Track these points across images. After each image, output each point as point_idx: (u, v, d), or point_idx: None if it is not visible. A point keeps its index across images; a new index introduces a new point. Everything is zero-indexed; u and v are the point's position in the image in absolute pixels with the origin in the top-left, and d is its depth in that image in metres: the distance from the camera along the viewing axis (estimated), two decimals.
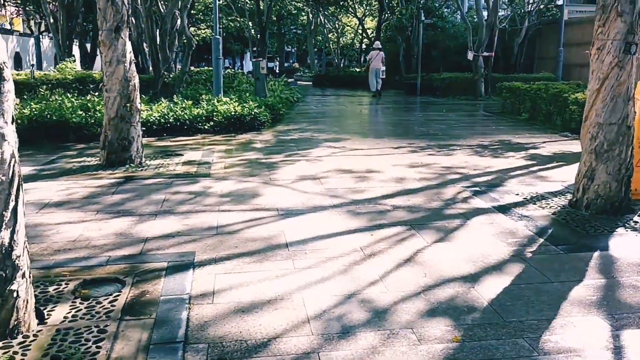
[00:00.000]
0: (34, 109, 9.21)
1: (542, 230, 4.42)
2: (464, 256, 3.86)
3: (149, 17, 12.49)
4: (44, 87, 12.07)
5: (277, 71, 40.23)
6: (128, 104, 6.87)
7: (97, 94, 12.04)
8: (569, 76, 20.84)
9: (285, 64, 53.96)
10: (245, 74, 37.31)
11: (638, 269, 3.61)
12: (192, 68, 37.22)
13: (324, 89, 26.82)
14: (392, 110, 15.54)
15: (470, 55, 19.00)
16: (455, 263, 3.73)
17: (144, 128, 9.55)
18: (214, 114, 10.48)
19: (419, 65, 22.06)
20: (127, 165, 6.90)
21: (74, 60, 23.93)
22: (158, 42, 12.55)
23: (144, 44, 15.86)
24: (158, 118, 9.93)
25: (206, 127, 10.22)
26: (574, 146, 8.70)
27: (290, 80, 35.78)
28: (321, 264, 3.73)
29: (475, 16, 22.39)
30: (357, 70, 35.52)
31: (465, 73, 21.18)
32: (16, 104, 2.93)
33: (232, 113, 10.58)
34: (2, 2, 37.00)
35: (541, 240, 4.19)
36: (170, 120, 10.00)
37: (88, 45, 30.47)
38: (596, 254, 3.90)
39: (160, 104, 10.70)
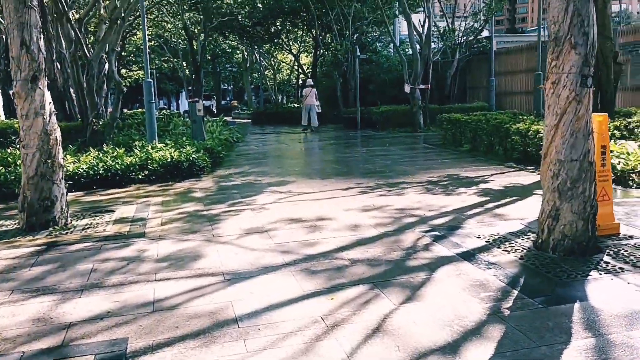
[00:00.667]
0: None
1: (514, 279, 4.10)
2: (438, 320, 3.45)
3: (74, 62, 11.76)
4: None
5: (215, 110, 39.61)
6: (49, 160, 6.19)
7: (19, 146, 11.13)
8: (501, 104, 21.44)
9: (222, 102, 53.42)
10: (181, 113, 36.60)
11: (624, 322, 3.32)
12: (125, 110, 36.19)
13: (263, 127, 26.49)
14: (335, 147, 15.29)
15: (407, 88, 19.17)
16: (430, 329, 3.32)
17: (70, 182, 8.81)
18: (149, 161, 9.83)
19: (357, 99, 22.13)
20: (51, 229, 6.17)
21: None
22: (85, 88, 11.81)
23: (71, 90, 15.01)
24: (87, 170, 9.17)
25: (140, 176, 9.54)
26: (522, 177, 8.62)
27: (228, 118, 35.27)
28: (278, 343, 3.22)
29: (408, 50, 22.83)
30: (295, 105, 35.44)
31: (403, 105, 21.39)
32: None
33: (169, 160, 9.96)
34: None
35: (515, 292, 3.85)
36: (100, 171, 9.27)
37: (12, 92, 29.01)
38: (577, 305, 3.59)
39: (89, 154, 9.95)
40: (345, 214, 6.41)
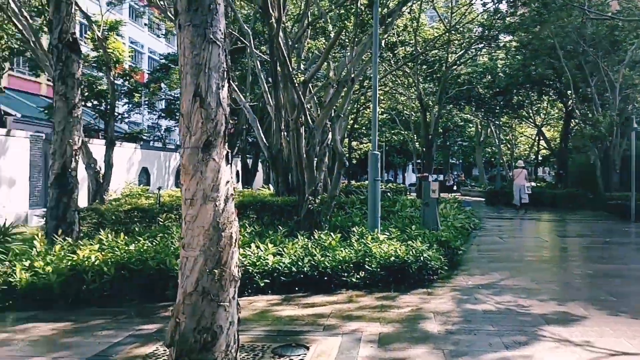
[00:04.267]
0: (126, 253, 6.92)
1: None
2: None
3: (296, 130, 10.22)
4: (167, 214, 10.06)
5: (454, 186, 37.14)
6: (216, 270, 4.03)
7: (243, 222, 9.83)
8: None
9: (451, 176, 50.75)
10: (407, 187, 34.67)
11: None
12: (353, 182, 35.74)
13: (500, 209, 22.74)
14: (618, 249, 11.11)
15: None
16: None
17: (267, 280, 6.80)
18: (367, 259, 7.40)
19: (632, 182, 17.30)
20: None
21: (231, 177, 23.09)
22: (304, 160, 10.13)
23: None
24: (289, 265, 7.07)
25: (354, 279, 7.13)
26: None
27: (457, 195, 32.22)
28: None
29: None
30: (539, 184, 30.82)
31: None
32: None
33: (392, 258, 7.41)
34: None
35: None
36: (306, 268, 7.09)
37: (250, 161, 30.37)
38: None
39: (296, 243, 7.92)
40: None
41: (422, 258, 7.61)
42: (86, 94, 22.13)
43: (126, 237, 7.98)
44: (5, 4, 12.32)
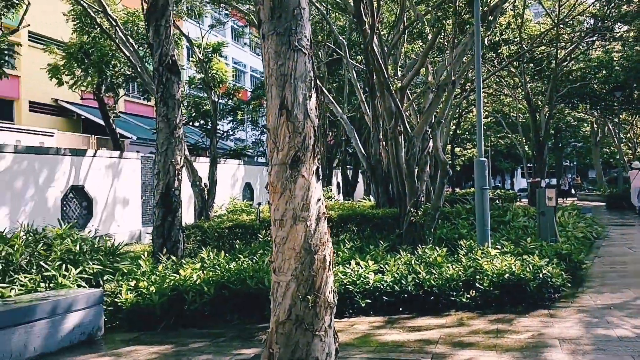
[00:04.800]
0: (226, 271, 6.83)
1: None
2: None
3: (394, 139, 9.78)
4: (266, 230, 9.99)
5: (571, 190, 34.77)
6: (310, 296, 3.72)
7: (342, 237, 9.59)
8: None
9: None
10: (517, 193, 32.73)
11: None
12: (457, 190, 34.37)
13: (625, 214, 20.66)
14: None
15: None
16: None
17: (369, 300, 6.40)
18: (477, 277, 6.77)
19: None
20: None
21: (331, 189, 22.97)
22: (404, 170, 9.65)
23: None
24: (391, 284, 6.63)
25: (464, 299, 6.53)
26: None
27: (574, 199, 29.91)
28: None
29: None
30: None
31: None
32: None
33: (506, 275, 6.71)
34: None
35: None
36: (410, 287, 6.60)
37: (350, 172, 30.18)
38: None
39: (398, 259, 7.45)
40: None
41: (541, 275, 6.84)
42: (193, 114, 23.01)
43: (227, 255, 7.94)
44: (114, 33, 13.05)
